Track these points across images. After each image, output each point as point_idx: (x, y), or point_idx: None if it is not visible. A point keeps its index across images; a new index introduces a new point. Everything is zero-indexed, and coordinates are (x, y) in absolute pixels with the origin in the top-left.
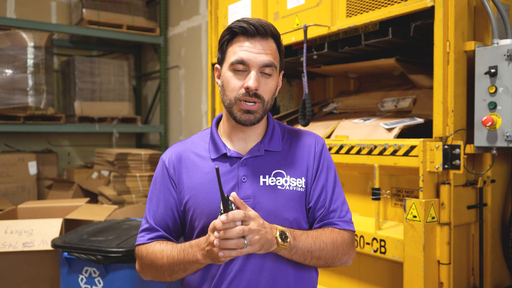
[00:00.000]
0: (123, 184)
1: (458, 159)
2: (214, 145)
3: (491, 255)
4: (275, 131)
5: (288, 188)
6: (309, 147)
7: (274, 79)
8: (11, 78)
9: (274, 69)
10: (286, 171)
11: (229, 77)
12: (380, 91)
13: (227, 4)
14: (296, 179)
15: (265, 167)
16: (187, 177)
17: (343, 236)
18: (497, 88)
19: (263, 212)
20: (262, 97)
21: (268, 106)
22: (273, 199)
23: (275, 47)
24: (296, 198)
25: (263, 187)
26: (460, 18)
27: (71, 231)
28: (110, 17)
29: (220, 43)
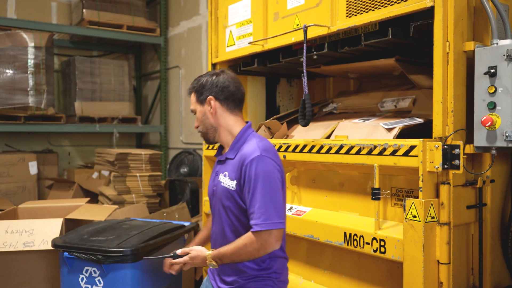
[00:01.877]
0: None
1: (458, 159)
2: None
3: (490, 255)
4: (237, 144)
5: (225, 185)
6: (243, 159)
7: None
8: (11, 78)
9: (196, 110)
10: (228, 174)
11: None
12: (380, 91)
13: (227, 5)
14: (231, 180)
15: (222, 168)
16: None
17: (253, 242)
18: (497, 88)
19: (217, 196)
20: (199, 128)
21: (207, 130)
22: (220, 190)
23: (195, 96)
24: (228, 194)
25: (219, 181)
26: (460, 19)
27: (71, 231)
28: (110, 17)
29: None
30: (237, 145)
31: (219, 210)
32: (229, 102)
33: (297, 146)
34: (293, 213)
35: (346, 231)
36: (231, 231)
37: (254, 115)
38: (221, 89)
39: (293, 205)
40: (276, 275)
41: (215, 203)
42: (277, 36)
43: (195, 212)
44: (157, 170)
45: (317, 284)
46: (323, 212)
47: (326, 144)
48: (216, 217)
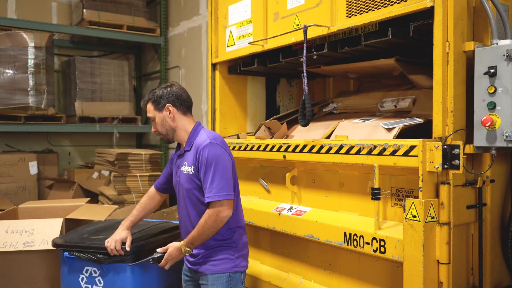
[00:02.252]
0: (123, 184)
1: (458, 159)
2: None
3: (490, 254)
4: (192, 138)
5: (186, 172)
6: (197, 147)
7: (158, 118)
8: (11, 78)
9: (153, 117)
10: (187, 162)
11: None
12: (380, 91)
13: (227, 5)
14: (189, 167)
15: (182, 160)
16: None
17: (210, 214)
18: (497, 88)
19: (180, 184)
20: (159, 131)
21: (166, 131)
22: (182, 178)
23: (151, 105)
24: (189, 178)
25: (181, 171)
26: (460, 19)
27: (71, 230)
28: (110, 18)
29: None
30: (192, 139)
31: (183, 195)
32: (183, 107)
33: (297, 146)
34: (293, 213)
35: (346, 231)
36: (193, 208)
37: (254, 115)
38: (176, 98)
39: (293, 205)
40: (235, 244)
41: (179, 191)
42: (277, 36)
43: None
44: (157, 170)
45: (317, 284)
46: (323, 212)
47: (326, 144)
48: (181, 203)
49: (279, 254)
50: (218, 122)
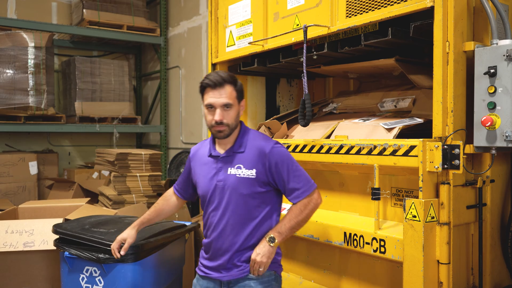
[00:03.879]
0: (123, 184)
1: (458, 159)
2: (208, 147)
3: (490, 254)
4: (243, 138)
5: (243, 176)
6: (260, 149)
7: (234, 110)
8: (12, 78)
9: (231, 105)
10: (243, 164)
11: (206, 113)
12: (380, 91)
13: (227, 5)
14: (248, 170)
15: (231, 162)
16: (195, 164)
17: (305, 203)
18: (497, 88)
19: (229, 189)
20: (225, 123)
21: (233, 126)
22: (234, 182)
23: (230, 89)
24: (247, 182)
25: (229, 175)
26: (460, 19)
27: (73, 219)
28: (110, 18)
29: (200, 92)
30: (242, 139)
31: (234, 201)
32: None
33: (297, 146)
34: None
35: (346, 231)
36: (241, 216)
37: (254, 115)
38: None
39: None
40: (279, 256)
41: (224, 196)
42: (277, 36)
43: (195, 212)
44: (157, 170)
45: (317, 284)
46: (323, 212)
47: (326, 144)
48: (226, 208)
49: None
50: None
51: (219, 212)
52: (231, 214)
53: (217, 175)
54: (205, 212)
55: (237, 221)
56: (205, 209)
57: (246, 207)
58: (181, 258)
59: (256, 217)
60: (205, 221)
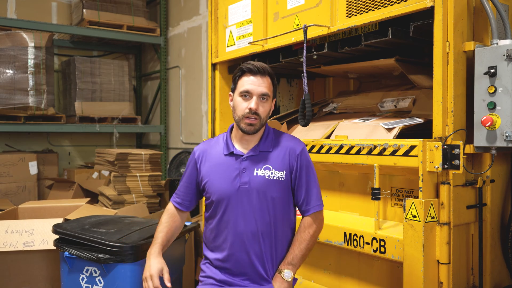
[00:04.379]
0: (123, 184)
1: (458, 159)
2: (226, 145)
3: (490, 254)
4: (269, 137)
5: (273, 178)
6: (291, 149)
7: (269, 103)
8: (11, 78)
9: (268, 97)
10: (272, 165)
11: (238, 101)
12: (380, 91)
13: (227, 5)
14: (279, 171)
15: (258, 163)
16: (206, 165)
17: (310, 223)
18: (497, 88)
19: (256, 192)
20: (259, 115)
21: (264, 121)
22: (261, 184)
23: (270, 82)
24: (278, 185)
25: (256, 176)
26: (460, 19)
27: (73, 219)
28: (110, 18)
29: (233, 77)
30: (269, 138)
31: (261, 205)
32: None
33: None
34: None
35: (346, 231)
36: (281, 222)
37: None
38: None
39: None
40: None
41: (250, 200)
42: (277, 36)
43: (195, 212)
44: (157, 170)
45: (317, 284)
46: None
47: (326, 144)
48: (253, 214)
49: None
50: (218, 122)
51: (245, 218)
52: (261, 220)
53: (240, 176)
54: (218, 219)
55: (266, 228)
56: (220, 216)
57: (276, 212)
58: (181, 258)
59: (288, 224)
60: (217, 230)
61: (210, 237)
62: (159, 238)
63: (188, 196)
